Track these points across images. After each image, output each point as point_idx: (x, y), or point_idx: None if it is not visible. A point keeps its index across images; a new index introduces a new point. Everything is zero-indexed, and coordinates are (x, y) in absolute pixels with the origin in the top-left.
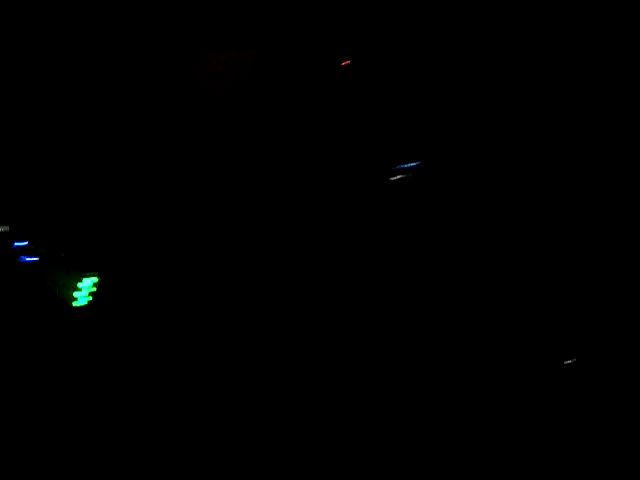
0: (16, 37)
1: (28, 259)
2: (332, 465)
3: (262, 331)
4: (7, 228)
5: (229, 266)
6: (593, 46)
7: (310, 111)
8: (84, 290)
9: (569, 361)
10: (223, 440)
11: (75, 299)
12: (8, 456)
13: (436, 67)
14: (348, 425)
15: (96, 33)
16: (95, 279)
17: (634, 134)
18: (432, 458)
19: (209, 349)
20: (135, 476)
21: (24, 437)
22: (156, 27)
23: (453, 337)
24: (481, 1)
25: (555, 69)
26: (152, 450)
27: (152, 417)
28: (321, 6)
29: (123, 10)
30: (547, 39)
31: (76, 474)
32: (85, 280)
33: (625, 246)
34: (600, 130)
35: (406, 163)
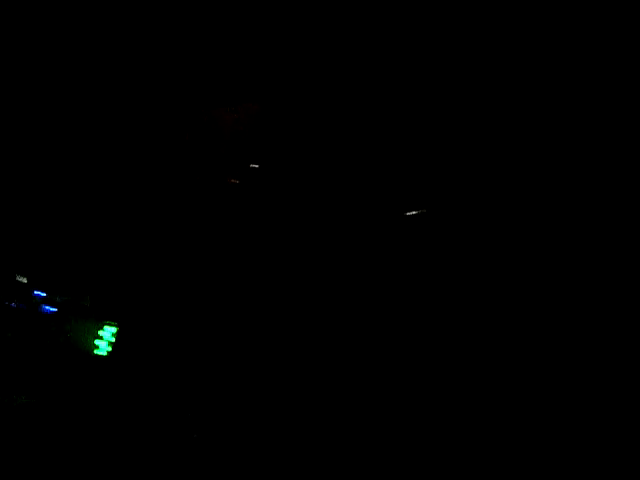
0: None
1: (47, 309)
2: (332, 465)
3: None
4: (25, 279)
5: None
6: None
7: (312, 161)
8: (105, 339)
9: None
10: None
11: (96, 347)
12: None
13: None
14: (341, 426)
15: (107, 87)
16: (114, 329)
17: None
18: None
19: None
20: None
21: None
22: (164, 83)
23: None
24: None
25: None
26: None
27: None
28: (319, 58)
29: (130, 67)
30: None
31: None
32: (105, 329)
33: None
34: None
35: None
